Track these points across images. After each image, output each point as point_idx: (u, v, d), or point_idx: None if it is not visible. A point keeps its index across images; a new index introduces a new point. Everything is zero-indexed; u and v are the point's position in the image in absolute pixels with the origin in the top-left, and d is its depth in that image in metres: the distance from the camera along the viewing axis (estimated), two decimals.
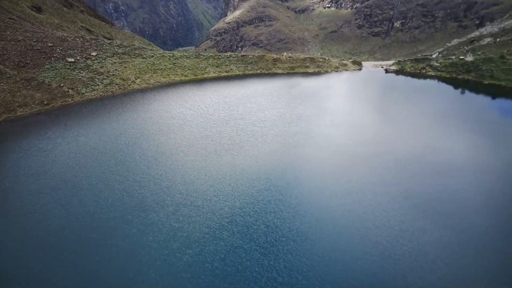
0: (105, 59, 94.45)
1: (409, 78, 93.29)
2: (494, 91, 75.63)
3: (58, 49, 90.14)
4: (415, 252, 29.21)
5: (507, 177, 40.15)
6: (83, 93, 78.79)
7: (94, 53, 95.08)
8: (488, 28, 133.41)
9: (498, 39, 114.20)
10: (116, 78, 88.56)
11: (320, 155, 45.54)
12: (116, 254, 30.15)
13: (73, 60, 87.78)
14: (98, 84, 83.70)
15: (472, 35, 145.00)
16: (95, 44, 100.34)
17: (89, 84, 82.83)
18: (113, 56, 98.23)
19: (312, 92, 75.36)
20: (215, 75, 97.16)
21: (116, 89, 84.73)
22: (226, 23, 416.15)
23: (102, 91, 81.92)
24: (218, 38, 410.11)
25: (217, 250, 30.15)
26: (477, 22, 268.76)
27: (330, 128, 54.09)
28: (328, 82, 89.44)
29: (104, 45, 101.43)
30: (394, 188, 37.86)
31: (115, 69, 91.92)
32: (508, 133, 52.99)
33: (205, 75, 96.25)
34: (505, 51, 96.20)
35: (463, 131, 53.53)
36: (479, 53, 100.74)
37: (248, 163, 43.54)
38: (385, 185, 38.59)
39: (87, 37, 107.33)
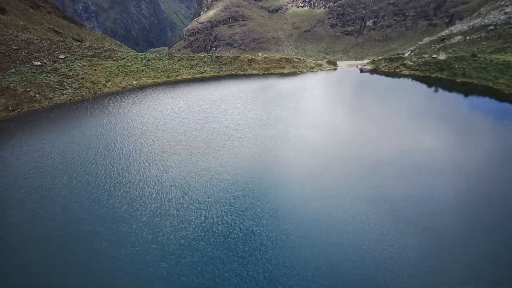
0: (74, 62, 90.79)
1: (383, 77, 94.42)
2: (466, 89, 77.45)
3: (23, 52, 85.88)
4: (396, 256, 28.80)
5: (483, 175, 40.63)
6: (51, 98, 75.21)
7: (62, 56, 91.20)
8: (458, 27, 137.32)
9: (468, 37, 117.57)
10: (86, 82, 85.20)
11: (298, 158, 44.80)
12: (87, 272, 28.24)
13: (39, 63, 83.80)
14: (66, 88, 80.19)
15: (443, 33, 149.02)
16: (63, 47, 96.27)
17: (57, 88, 79.19)
18: (82, 58, 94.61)
19: (288, 93, 74.83)
20: (189, 76, 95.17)
21: (86, 93, 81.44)
22: (200, 23, 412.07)
23: (72, 96, 78.52)
24: (192, 38, 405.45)
25: (193, 262, 28.75)
26: (446, 20, 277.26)
27: (308, 130, 53.52)
28: (304, 82, 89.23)
29: (73, 48, 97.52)
30: (373, 191, 37.51)
31: (85, 72, 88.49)
32: (482, 130, 53.95)
33: (179, 77, 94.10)
34: (475, 48, 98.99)
35: (438, 130, 54.11)
36: (450, 51, 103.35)
37: (225, 168, 42.26)
38: (364, 188, 38.22)
39: (54, 39, 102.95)
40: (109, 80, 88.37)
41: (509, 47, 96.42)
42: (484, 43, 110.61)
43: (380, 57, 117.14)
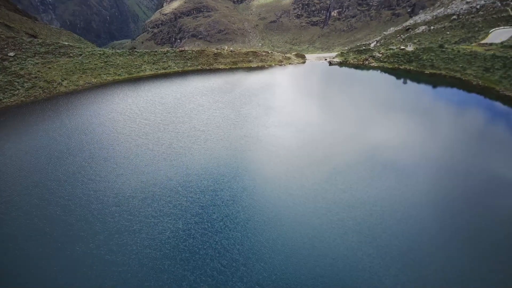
0: (25, 60, 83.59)
1: (352, 70, 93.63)
2: (435, 80, 77.76)
3: None
4: (376, 267, 27.02)
5: (456, 169, 39.94)
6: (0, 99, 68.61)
7: (12, 53, 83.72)
8: (422, 16, 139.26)
9: (432, 27, 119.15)
10: (40, 81, 78.51)
11: (269, 161, 42.34)
12: None
13: None
14: (18, 89, 73.45)
15: (407, 23, 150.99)
16: (12, 43, 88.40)
17: (7, 88, 72.31)
18: (34, 56, 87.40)
19: (257, 89, 72.04)
20: (152, 72, 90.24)
21: (40, 93, 74.99)
22: (163, 14, 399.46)
23: (24, 96, 71.96)
24: (155, 30, 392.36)
25: (158, 286, 25.72)
26: (409, 10, 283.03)
27: (279, 129, 51.11)
28: (273, 77, 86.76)
29: (24, 44, 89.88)
30: (348, 194, 35.71)
31: (38, 71, 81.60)
32: (452, 123, 53.78)
33: (141, 73, 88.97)
34: (440, 38, 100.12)
35: (409, 124, 53.41)
36: (415, 41, 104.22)
37: (191, 175, 39.13)
38: (338, 191, 36.37)
39: (3, 35, 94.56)
40: (65, 79, 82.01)
41: (473, 37, 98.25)
42: (448, 32, 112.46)
43: (348, 49, 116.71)
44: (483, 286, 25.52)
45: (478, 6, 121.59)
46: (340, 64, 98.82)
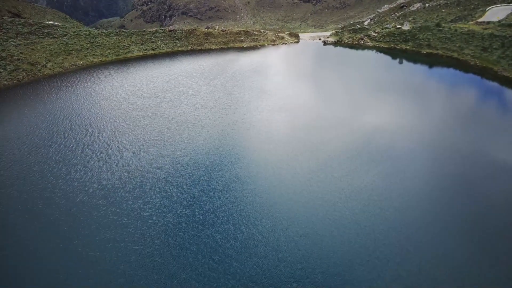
0: (7, 41, 79.73)
1: (347, 49, 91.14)
2: (431, 60, 75.96)
3: None
4: (374, 260, 25.94)
5: (455, 154, 38.85)
6: None
7: None
8: None
9: (427, 4, 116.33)
10: (23, 63, 74.96)
11: (263, 148, 40.73)
12: None
13: None
14: (0, 72, 70.17)
15: (402, 0, 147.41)
16: None
17: None
18: (17, 36, 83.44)
19: (249, 71, 69.56)
20: (140, 53, 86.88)
21: (24, 76, 71.63)
22: None
23: (6, 79, 68.68)
24: (145, 8, 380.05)
25: (147, 284, 24.36)
26: None
27: (272, 113, 49.26)
28: (266, 58, 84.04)
29: (5, 24, 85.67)
30: (344, 182, 34.42)
31: (21, 53, 77.88)
32: (452, 105, 52.43)
33: (129, 55, 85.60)
34: (435, 16, 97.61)
35: (406, 107, 51.99)
36: (410, 19, 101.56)
37: (181, 164, 37.38)
38: (334, 179, 35.06)
39: None
40: (50, 61, 78.49)
41: (469, 15, 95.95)
42: (444, 10, 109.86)
43: (342, 28, 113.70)
44: (482, 275, 24.68)
45: None
46: (335, 43, 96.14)
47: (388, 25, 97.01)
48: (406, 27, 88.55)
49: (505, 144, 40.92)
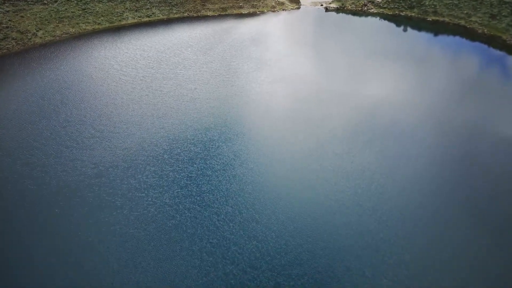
0: None
1: (350, 16, 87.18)
2: (437, 28, 72.74)
3: None
4: (377, 243, 25.04)
5: (460, 128, 37.44)
6: None
7: None
8: None
9: None
10: (12, 32, 71.34)
11: (262, 124, 39.11)
12: None
13: None
14: None
15: None
16: None
17: None
18: (4, 3, 79.04)
19: (248, 40, 66.43)
20: (135, 21, 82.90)
21: (13, 45, 68.33)
22: None
23: None
24: None
25: (142, 269, 23.52)
26: None
27: (273, 85, 47.22)
28: (265, 26, 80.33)
29: None
30: (346, 160, 33.12)
31: (9, 20, 73.95)
32: (457, 77, 50.39)
33: (123, 22, 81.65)
34: None
35: (411, 78, 49.96)
36: None
37: (178, 140, 35.83)
38: (336, 157, 33.72)
39: None
40: (40, 29, 74.76)
41: None
42: None
43: None
44: (489, 257, 23.96)
45: None
46: (337, 10, 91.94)
47: None
48: None
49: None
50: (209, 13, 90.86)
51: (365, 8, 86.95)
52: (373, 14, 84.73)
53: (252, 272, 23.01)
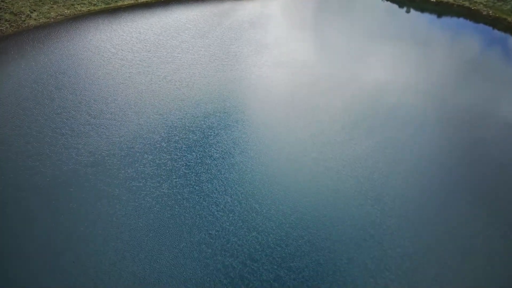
0: None
1: None
2: (441, 10, 70.87)
3: None
4: (380, 234, 24.64)
5: (463, 113, 36.70)
6: None
7: None
8: None
9: None
10: (5, 13, 69.18)
11: (262, 110, 38.27)
12: None
13: None
14: None
15: None
16: None
17: None
18: None
19: (247, 22, 64.42)
20: (132, 2, 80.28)
21: (7, 27, 66.32)
22: None
23: None
24: None
25: (139, 260, 23.08)
26: None
27: (272, 70, 46.03)
28: (265, 6, 77.58)
29: None
30: (348, 148, 32.52)
31: (2, 1, 71.46)
32: (461, 60, 49.32)
33: (119, 3, 79.09)
34: None
35: (414, 62, 48.90)
36: None
37: (176, 126, 35.00)
38: (337, 144, 33.11)
39: None
40: (35, 10, 72.49)
41: None
42: None
43: None
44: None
45: None
46: None
47: None
48: None
49: None
50: None
51: None
52: None
53: (252, 265, 22.62)
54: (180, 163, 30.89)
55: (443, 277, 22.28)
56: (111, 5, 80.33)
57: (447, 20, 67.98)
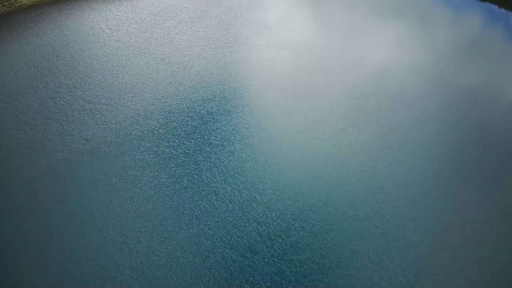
0: None
1: None
2: None
3: None
4: (384, 226, 24.04)
5: (473, 97, 35.61)
6: None
7: None
8: None
9: None
10: None
11: (263, 94, 37.13)
12: None
13: None
14: None
15: None
16: None
17: None
18: None
19: (247, 1, 62.18)
20: None
21: None
22: None
23: None
24: None
25: (136, 252, 22.55)
26: None
27: (274, 52, 44.50)
28: None
29: None
30: (350, 135, 31.63)
31: None
32: (473, 40, 47.73)
33: None
34: None
35: (424, 42, 47.24)
36: None
37: (174, 112, 33.98)
38: (340, 131, 32.21)
39: None
40: None
41: None
42: None
43: None
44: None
45: None
46: None
47: None
48: None
49: None
50: None
51: None
52: None
53: (252, 257, 22.07)
54: (178, 150, 30.02)
55: (449, 269, 21.79)
56: None
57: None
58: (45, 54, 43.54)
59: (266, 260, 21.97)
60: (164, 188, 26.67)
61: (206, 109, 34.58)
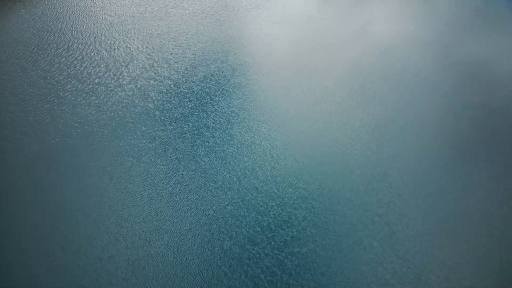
0: None
1: None
2: None
3: None
4: (388, 215, 23.20)
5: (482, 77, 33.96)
6: None
7: None
8: None
9: None
10: None
11: (262, 73, 35.33)
12: None
13: None
14: None
15: None
16: None
17: None
18: None
19: None
20: None
21: None
22: None
23: None
24: None
25: (131, 244, 21.87)
26: None
27: (274, 26, 42.30)
28: None
29: None
30: (354, 118, 30.39)
31: None
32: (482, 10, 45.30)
33: None
34: None
35: (431, 15, 44.85)
36: None
37: (171, 93, 32.47)
38: (343, 112, 30.84)
39: None
40: None
41: None
42: None
43: None
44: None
45: None
46: None
47: None
48: None
49: None
50: None
51: None
52: None
53: (252, 249, 21.38)
54: (175, 134, 28.83)
55: (456, 261, 21.11)
56: None
57: None
58: (34, 30, 41.42)
59: (266, 252, 21.30)
60: (161, 176, 25.70)
61: (204, 90, 33.07)
